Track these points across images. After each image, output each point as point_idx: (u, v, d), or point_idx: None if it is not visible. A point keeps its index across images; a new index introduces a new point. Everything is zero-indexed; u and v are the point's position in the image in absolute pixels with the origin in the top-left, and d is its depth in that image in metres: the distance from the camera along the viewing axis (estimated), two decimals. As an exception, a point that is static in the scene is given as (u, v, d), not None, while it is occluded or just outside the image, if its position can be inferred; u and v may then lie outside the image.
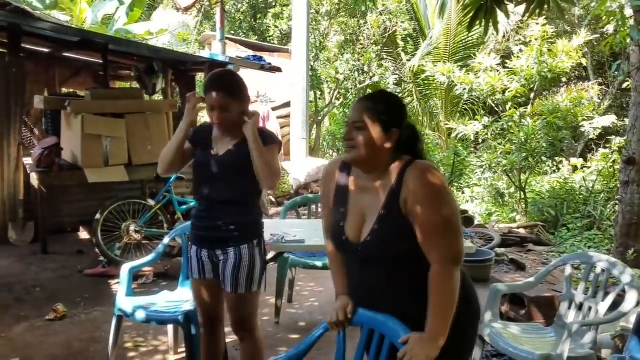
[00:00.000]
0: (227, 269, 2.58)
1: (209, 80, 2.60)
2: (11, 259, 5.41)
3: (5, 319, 4.05)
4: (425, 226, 1.73)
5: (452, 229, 1.74)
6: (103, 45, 6.40)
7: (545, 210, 7.43)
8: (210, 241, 2.62)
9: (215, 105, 2.50)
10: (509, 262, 5.82)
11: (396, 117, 1.85)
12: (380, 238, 1.80)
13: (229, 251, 2.58)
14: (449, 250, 1.73)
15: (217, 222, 2.58)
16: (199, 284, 2.70)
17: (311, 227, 3.72)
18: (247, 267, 2.58)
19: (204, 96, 2.59)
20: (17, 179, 5.87)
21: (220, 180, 2.60)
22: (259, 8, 13.40)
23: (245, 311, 2.64)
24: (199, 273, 2.67)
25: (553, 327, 3.07)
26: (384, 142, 1.81)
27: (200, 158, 2.65)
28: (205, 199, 2.63)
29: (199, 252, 2.66)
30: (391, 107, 1.87)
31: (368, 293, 1.89)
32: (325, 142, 12.68)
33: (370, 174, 1.86)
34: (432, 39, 10.38)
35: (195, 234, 2.70)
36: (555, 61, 7.23)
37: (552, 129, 7.26)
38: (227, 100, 2.50)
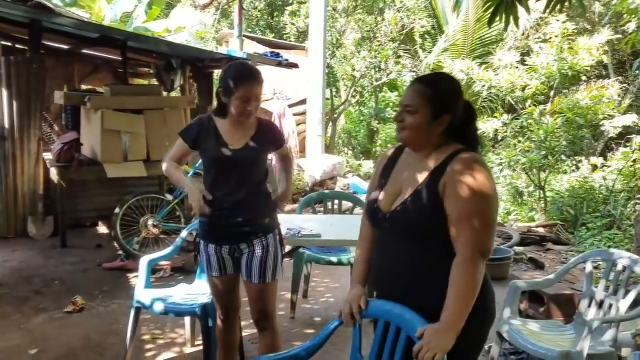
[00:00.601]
0: (254, 261, 2.60)
1: (240, 72, 2.54)
2: (31, 253, 5.48)
3: (24, 310, 4.11)
4: (460, 214, 1.71)
5: (486, 223, 1.71)
6: (122, 41, 6.46)
7: (565, 209, 7.35)
8: (234, 237, 2.62)
9: (253, 96, 2.49)
10: (527, 261, 5.76)
11: (449, 103, 1.82)
12: (410, 210, 1.79)
13: (255, 243, 2.60)
14: (478, 242, 1.69)
15: (241, 217, 2.58)
16: (219, 280, 2.70)
17: (327, 223, 3.72)
18: (273, 257, 2.63)
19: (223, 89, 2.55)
20: (37, 173, 5.94)
21: (242, 174, 2.60)
22: (276, 6, 13.42)
23: (269, 300, 2.69)
24: (220, 270, 2.68)
25: (573, 325, 3.03)
26: (433, 127, 1.81)
27: (217, 154, 2.59)
28: (227, 195, 2.58)
29: (218, 250, 2.65)
30: (444, 93, 1.83)
31: (390, 268, 1.88)
32: (340, 140, 12.65)
33: (419, 153, 1.87)
34: (449, 36, 10.30)
35: (214, 232, 2.66)
36: (576, 59, 7.13)
37: (572, 127, 7.17)
38: (260, 89, 2.55)
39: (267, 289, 2.66)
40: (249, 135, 2.62)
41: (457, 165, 1.75)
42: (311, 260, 4.16)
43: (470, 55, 10.37)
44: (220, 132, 2.61)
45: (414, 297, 1.80)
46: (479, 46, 10.76)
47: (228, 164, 2.59)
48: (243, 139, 2.61)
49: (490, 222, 1.72)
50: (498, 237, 6.24)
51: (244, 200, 2.59)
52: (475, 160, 1.76)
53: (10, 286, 4.62)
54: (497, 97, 9.19)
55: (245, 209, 2.59)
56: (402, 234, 1.83)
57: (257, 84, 2.52)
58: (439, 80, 1.93)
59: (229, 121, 2.62)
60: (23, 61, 5.85)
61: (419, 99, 1.80)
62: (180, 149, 2.72)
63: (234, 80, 2.51)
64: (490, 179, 1.74)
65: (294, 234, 3.22)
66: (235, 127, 2.61)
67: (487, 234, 1.71)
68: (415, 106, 1.80)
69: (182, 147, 2.71)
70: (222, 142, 2.60)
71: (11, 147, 5.76)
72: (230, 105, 2.54)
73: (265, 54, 6.40)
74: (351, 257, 4.11)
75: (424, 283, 1.80)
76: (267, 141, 2.69)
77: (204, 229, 2.70)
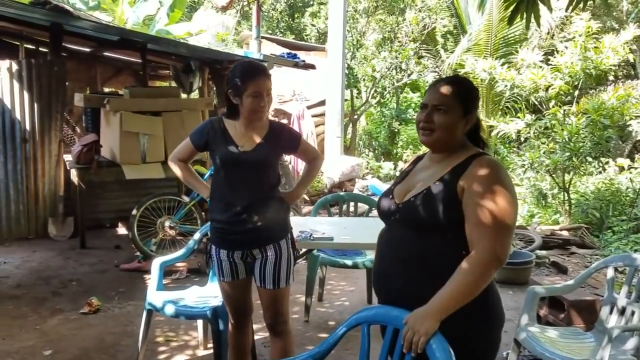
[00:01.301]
0: (267, 266, 2.57)
1: (247, 70, 2.52)
2: (50, 253, 5.54)
3: (41, 311, 4.14)
4: (481, 216, 1.69)
5: (504, 227, 1.68)
6: (141, 44, 6.50)
7: (590, 212, 7.16)
8: (247, 243, 2.57)
9: (264, 91, 2.47)
10: (550, 265, 5.63)
11: (474, 102, 1.87)
12: (424, 201, 1.78)
13: (268, 249, 2.57)
14: (494, 244, 1.66)
15: (254, 223, 2.53)
16: (230, 285, 2.67)
17: (341, 225, 3.66)
18: (286, 262, 2.60)
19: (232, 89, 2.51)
20: (57, 175, 6.00)
21: (253, 177, 2.55)
22: (296, 7, 13.40)
23: (284, 305, 2.66)
24: (232, 275, 2.64)
25: (593, 332, 2.92)
26: (462, 125, 1.83)
27: (227, 157, 2.54)
28: (238, 199, 2.53)
29: (230, 255, 2.60)
30: (471, 91, 1.87)
31: (393, 262, 1.86)
32: (361, 142, 12.57)
33: (438, 154, 1.88)
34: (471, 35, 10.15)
35: (226, 238, 2.60)
36: (600, 57, 6.94)
37: (597, 127, 6.98)
38: (270, 82, 2.52)
39: (281, 294, 2.64)
40: (260, 137, 2.58)
41: (479, 166, 1.75)
42: (325, 263, 4.12)
43: (494, 55, 10.19)
44: (231, 134, 2.58)
45: (414, 289, 1.78)
46: (502, 46, 10.58)
47: (238, 165, 2.55)
48: (254, 141, 2.57)
49: (508, 227, 1.69)
50: (519, 240, 6.12)
51: (256, 204, 2.54)
52: (498, 164, 1.78)
53: (29, 286, 4.67)
54: (520, 97, 9.02)
55: (258, 213, 2.54)
56: (411, 225, 1.81)
57: (266, 78, 2.50)
58: (464, 80, 1.96)
59: (240, 123, 2.58)
60: (44, 63, 5.92)
61: (450, 97, 1.81)
62: (187, 149, 2.72)
63: (242, 78, 2.47)
64: (512, 184, 1.74)
65: (306, 236, 3.17)
66: (247, 129, 2.57)
67: (505, 237, 1.69)
68: (447, 105, 1.81)
69: (189, 148, 2.70)
70: (232, 143, 2.56)
71: (32, 149, 5.83)
72: (242, 105, 2.50)
73: (281, 54, 6.37)
74: (367, 260, 4.06)
75: (426, 276, 1.77)
76: (279, 143, 2.64)
77: (216, 234, 2.65)
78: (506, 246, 1.68)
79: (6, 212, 5.75)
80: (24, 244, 5.80)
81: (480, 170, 1.74)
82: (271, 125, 2.65)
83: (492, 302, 1.77)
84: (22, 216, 5.86)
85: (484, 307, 1.73)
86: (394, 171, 10.72)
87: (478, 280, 1.66)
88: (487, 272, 1.67)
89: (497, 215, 1.66)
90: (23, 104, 5.80)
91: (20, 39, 7.49)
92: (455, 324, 1.67)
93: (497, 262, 1.67)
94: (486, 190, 1.69)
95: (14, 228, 5.81)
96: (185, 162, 2.76)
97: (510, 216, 1.68)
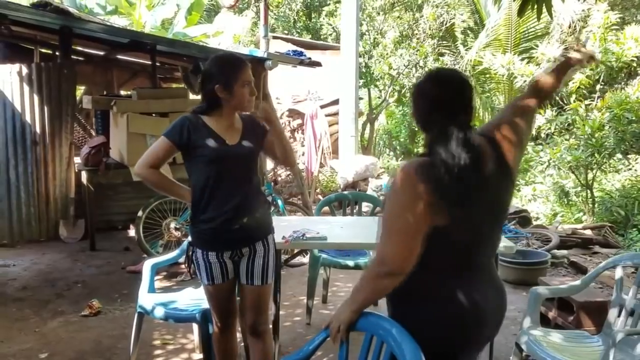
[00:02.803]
0: (256, 262, 2.52)
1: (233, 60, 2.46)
2: (60, 256, 5.56)
3: (43, 314, 4.13)
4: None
5: (385, 229, 1.63)
6: (151, 45, 6.50)
7: (615, 210, 6.89)
8: (237, 241, 2.50)
9: (250, 80, 2.43)
10: (568, 265, 5.40)
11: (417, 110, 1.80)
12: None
13: (257, 245, 2.52)
14: (381, 245, 1.64)
15: (244, 220, 2.45)
16: (219, 288, 2.57)
17: (337, 224, 3.53)
18: (274, 257, 2.59)
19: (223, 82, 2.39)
20: (68, 177, 6.02)
21: (241, 172, 2.49)
22: (313, 6, 13.31)
23: (267, 303, 2.64)
24: (222, 276, 2.53)
25: (600, 336, 2.73)
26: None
27: (216, 152, 2.41)
28: (228, 196, 2.43)
29: (220, 256, 2.50)
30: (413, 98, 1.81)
31: None
32: (381, 141, 12.39)
33: None
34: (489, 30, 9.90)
35: (216, 238, 2.47)
36: (622, 49, 6.66)
37: (621, 122, 6.70)
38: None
39: (267, 291, 2.60)
40: (239, 130, 2.51)
41: None
42: (327, 264, 4.00)
43: (514, 50, 9.94)
44: (212, 128, 2.45)
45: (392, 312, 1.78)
46: (523, 40, 10.31)
47: (228, 160, 2.44)
48: (236, 135, 2.49)
49: (388, 228, 1.61)
50: (536, 240, 5.89)
51: (245, 201, 2.46)
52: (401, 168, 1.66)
53: (34, 289, 4.67)
54: (541, 93, 8.75)
55: (248, 210, 2.47)
56: None
57: (249, 67, 2.46)
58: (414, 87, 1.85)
59: (220, 118, 2.47)
60: (53, 66, 5.94)
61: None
62: (162, 151, 2.45)
63: (232, 69, 2.40)
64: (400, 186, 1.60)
65: (298, 236, 3.06)
66: (225, 124, 2.48)
67: (385, 242, 1.62)
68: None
69: (165, 148, 2.44)
70: (219, 138, 2.44)
71: (42, 152, 5.85)
72: (233, 97, 2.40)
73: (287, 52, 6.28)
74: (369, 261, 3.93)
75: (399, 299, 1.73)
76: (255, 134, 2.55)
77: (203, 236, 2.50)
78: (382, 246, 1.62)
79: (17, 215, 5.79)
80: (34, 246, 5.83)
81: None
82: (242, 119, 2.56)
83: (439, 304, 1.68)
84: (33, 219, 5.89)
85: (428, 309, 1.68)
86: (413, 170, 10.50)
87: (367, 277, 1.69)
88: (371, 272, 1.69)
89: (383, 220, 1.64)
90: (33, 107, 5.83)
91: (35, 43, 7.59)
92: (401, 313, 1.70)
93: (380, 264, 1.63)
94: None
95: (25, 231, 5.84)
96: (157, 168, 2.52)
97: (389, 220, 1.62)
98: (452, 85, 1.71)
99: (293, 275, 4.87)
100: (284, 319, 3.90)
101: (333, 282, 4.59)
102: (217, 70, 2.42)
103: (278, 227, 3.39)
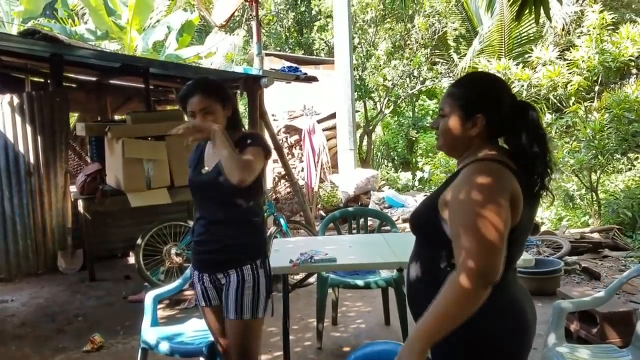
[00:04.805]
0: (230, 293, 2.34)
1: (184, 89, 2.32)
2: (58, 288, 5.41)
3: (43, 352, 3.97)
4: (453, 228, 1.51)
5: (476, 236, 1.43)
6: (143, 69, 6.41)
7: (621, 211, 6.79)
8: (211, 264, 2.40)
9: (196, 110, 2.25)
10: (581, 272, 5.28)
11: (479, 100, 1.63)
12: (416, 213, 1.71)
13: (231, 273, 2.35)
14: (469, 258, 1.42)
15: (216, 244, 2.36)
16: (208, 311, 2.50)
17: (346, 244, 3.41)
18: (252, 290, 2.34)
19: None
20: (65, 207, 5.88)
21: (213, 197, 2.38)
22: (304, 22, 13.28)
23: (250, 341, 2.37)
24: (205, 300, 2.47)
25: (630, 349, 2.60)
26: (465, 128, 1.63)
27: (192, 177, 2.46)
28: (202, 219, 2.42)
29: (201, 278, 2.45)
30: (472, 89, 1.67)
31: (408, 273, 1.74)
32: (379, 152, 12.31)
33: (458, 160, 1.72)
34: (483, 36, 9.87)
35: (196, 258, 2.48)
36: (619, 49, 6.60)
37: (622, 122, 6.63)
38: (208, 102, 2.27)
39: (246, 327, 2.35)
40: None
41: (464, 173, 1.55)
42: (335, 284, 3.86)
43: (508, 55, 9.90)
44: (205, 154, 2.43)
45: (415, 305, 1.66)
46: (516, 45, 10.29)
47: (199, 186, 2.42)
48: (216, 159, 2.33)
49: (484, 240, 1.42)
50: (547, 247, 5.77)
51: (220, 225, 2.36)
52: (484, 168, 1.52)
53: (34, 325, 4.51)
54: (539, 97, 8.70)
55: (220, 234, 2.36)
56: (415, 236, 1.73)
57: (200, 97, 2.26)
58: (470, 79, 1.81)
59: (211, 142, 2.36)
60: (45, 95, 5.83)
61: (447, 99, 1.67)
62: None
63: (180, 98, 2.34)
64: (491, 190, 1.47)
65: (306, 259, 2.93)
66: (213, 148, 2.36)
67: (480, 252, 1.42)
68: (444, 109, 1.67)
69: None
70: (199, 164, 2.43)
71: (37, 182, 5.71)
72: None
73: (282, 69, 6.19)
74: (380, 280, 3.80)
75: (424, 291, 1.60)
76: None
77: (192, 255, 2.55)
78: (479, 256, 1.41)
79: (14, 248, 5.63)
80: (32, 279, 5.68)
81: (460, 176, 1.55)
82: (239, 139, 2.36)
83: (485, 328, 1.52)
84: (31, 251, 5.73)
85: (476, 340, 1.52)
86: (413, 181, 10.41)
87: (453, 296, 1.42)
88: (461, 285, 1.41)
89: (467, 228, 1.44)
90: (26, 137, 5.71)
91: (26, 72, 7.49)
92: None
93: (474, 275, 1.40)
94: (458, 200, 1.50)
95: (22, 264, 5.68)
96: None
97: (483, 228, 1.43)
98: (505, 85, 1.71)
99: (300, 296, 4.73)
100: (293, 344, 3.76)
101: (342, 302, 4.45)
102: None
103: (284, 249, 3.31)
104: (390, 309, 4.11)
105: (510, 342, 1.55)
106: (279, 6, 12.89)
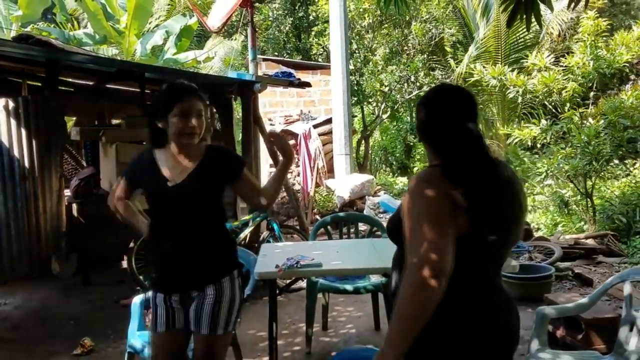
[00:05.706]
0: (205, 308, 2.25)
1: (174, 89, 2.28)
2: (52, 292, 5.42)
3: (33, 356, 3.97)
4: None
5: (413, 234, 1.48)
6: (139, 73, 6.43)
7: (616, 217, 6.79)
8: (184, 283, 2.29)
9: (193, 111, 2.22)
10: (573, 278, 5.28)
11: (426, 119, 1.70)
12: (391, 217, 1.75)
13: (207, 288, 2.27)
14: (411, 255, 1.46)
15: (191, 261, 2.26)
16: (165, 337, 2.33)
17: (333, 249, 3.42)
18: (228, 304, 2.28)
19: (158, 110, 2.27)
20: (59, 211, 5.90)
21: (187, 211, 2.25)
22: (302, 27, 13.32)
23: (218, 356, 2.31)
24: (167, 324, 2.31)
25: (612, 355, 2.61)
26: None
27: (154, 191, 2.31)
28: (171, 237, 2.25)
29: (167, 300, 2.31)
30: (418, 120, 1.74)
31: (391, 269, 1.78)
32: (377, 157, 12.33)
33: None
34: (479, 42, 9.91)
35: (163, 279, 2.34)
36: (613, 55, 6.62)
37: (617, 129, 6.64)
38: (202, 104, 2.26)
39: (218, 342, 2.29)
40: (194, 164, 2.29)
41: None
42: (325, 290, 3.87)
43: (504, 61, 9.93)
44: (160, 165, 2.30)
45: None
46: (512, 51, 10.32)
47: (167, 200, 2.26)
48: (184, 172, 2.27)
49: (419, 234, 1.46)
50: (539, 253, 5.77)
51: (194, 240, 2.26)
52: (418, 173, 1.60)
53: (25, 328, 4.53)
54: (535, 103, 8.72)
55: (195, 249, 2.26)
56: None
57: (195, 99, 2.25)
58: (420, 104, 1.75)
59: (170, 151, 2.31)
60: (40, 100, 5.86)
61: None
62: (123, 187, 2.48)
63: (169, 96, 2.25)
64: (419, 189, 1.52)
65: (292, 264, 2.94)
66: (178, 158, 2.29)
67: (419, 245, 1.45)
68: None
69: (124, 185, 2.48)
70: (160, 176, 2.28)
71: (32, 186, 5.73)
72: (169, 128, 2.24)
73: (275, 74, 6.22)
74: (369, 285, 3.81)
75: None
76: (218, 170, 2.31)
77: (155, 277, 2.39)
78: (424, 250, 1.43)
79: (8, 252, 5.65)
80: (26, 283, 5.68)
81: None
82: (208, 150, 2.35)
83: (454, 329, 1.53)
84: (25, 255, 5.74)
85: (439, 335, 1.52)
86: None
87: (405, 295, 1.43)
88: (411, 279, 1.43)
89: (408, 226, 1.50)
90: (21, 141, 5.74)
91: (22, 76, 7.52)
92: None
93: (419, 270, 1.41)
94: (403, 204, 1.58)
95: (16, 267, 5.69)
96: (125, 199, 2.49)
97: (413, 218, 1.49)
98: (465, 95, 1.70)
99: (291, 302, 4.74)
100: (282, 349, 3.78)
101: (332, 306, 4.46)
102: (156, 97, 2.37)
103: (271, 254, 3.32)
104: (381, 314, 4.12)
105: (481, 348, 1.56)
106: (277, 11, 12.92)
